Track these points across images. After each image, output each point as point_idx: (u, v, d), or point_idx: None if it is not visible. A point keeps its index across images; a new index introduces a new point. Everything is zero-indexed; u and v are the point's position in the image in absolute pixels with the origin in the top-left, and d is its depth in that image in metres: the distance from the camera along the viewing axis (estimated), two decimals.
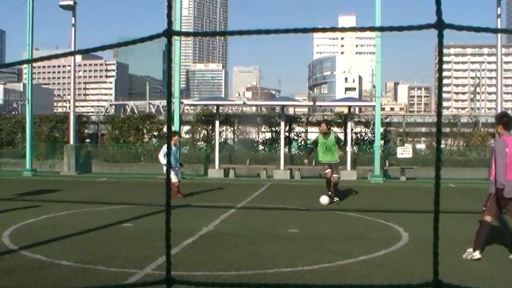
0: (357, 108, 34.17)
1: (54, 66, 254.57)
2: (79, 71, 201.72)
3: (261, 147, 33.48)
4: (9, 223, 12.69)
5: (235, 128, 34.24)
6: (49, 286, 8.03)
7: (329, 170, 17.14)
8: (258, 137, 33.90)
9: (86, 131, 35.99)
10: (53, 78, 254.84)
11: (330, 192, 17.17)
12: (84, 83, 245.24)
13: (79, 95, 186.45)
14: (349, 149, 27.41)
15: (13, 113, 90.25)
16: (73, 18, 29.86)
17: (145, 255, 9.64)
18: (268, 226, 13.27)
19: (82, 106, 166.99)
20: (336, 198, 17.31)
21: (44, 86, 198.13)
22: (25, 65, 47.32)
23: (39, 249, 10.14)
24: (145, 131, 34.16)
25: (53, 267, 9.03)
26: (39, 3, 28.93)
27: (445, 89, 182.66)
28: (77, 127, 30.77)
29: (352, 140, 29.17)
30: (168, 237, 1.75)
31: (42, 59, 1.98)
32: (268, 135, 33.71)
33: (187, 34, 1.86)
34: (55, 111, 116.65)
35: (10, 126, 34.61)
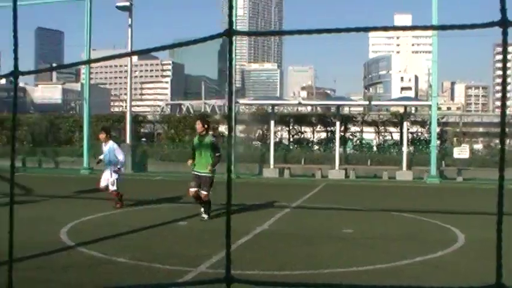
0: (412, 108, 33.72)
1: (111, 66, 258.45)
2: (135, 71, 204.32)
3: (316, 146, 33.32)
4: (67, 220, 12.89)
5: (290, 127, 34.15)
6: (105, 283, 8.11)
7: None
8: (313, 137, 33.76)
9: (142, 130, 36.39)
10: (110, 78, 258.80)
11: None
12: (141, 82, 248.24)
13: (135, 94, 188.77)
14: (405, 149, 27.10)
15: (71, 112, 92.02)
16: (129, 19, 30.23)
17: (200, 253, 9.67)
18: (323, 226, 13.18)
19: (138, 106, 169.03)
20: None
21: (101, 86, 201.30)
22: (83, 66, 48.09)
23: (95, 246, 10.26)
24: None
25: (109, 264, 9.13)
26: (96, 5, 29.40)
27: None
28: (133, 126, 31.13)
29: (408, 140, 28.80)
30: (229, 236, 1.73)
31: (100, 59, 1.96)
32: (323, 135, 33.54)
33: (248, 34, 1.83)
34: (112, 110, 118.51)
35: (68, 125, 35.22)
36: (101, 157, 15.99)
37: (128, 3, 29.76)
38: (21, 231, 11.91)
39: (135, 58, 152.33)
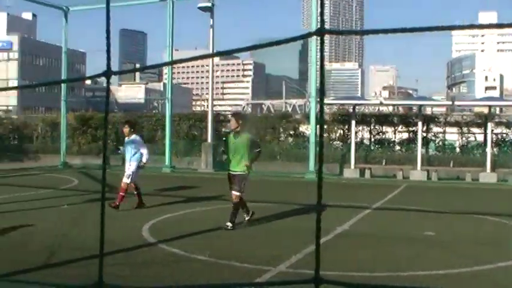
0: (497, 108, 32.79)
1: (193, 66, 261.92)
2: (217, 70, 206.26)
3: (397, 147, 32.82)
4: (149, 217, 13.15)
5: (372, 127, 33.76)
6: (185, 279, 8.23)
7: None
8: (395, 137, 33.26)
9: (223, 129, 36.68)
10: (192, 77, 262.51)
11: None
12: (222, 82, 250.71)
13: (217, 94, 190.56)
14: (489, 150, 26.40)
15: (154, 111, 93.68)
16: (211, 20, 30.56)
17: (279, 253, 9.69)
18: (403, 228, 12.98)
19: (220, 105, 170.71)
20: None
21: (183, 86, 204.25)
22: (166, 66, 48.88)
23: (176, 243, 10.43)
24: (281, 130, 34.35)
25: (189, 261, 9.26)
26: (178, 6, 29.86)
27: None
28: (214, 125, 31.44)
29: (492, 141, 28.04)
30: (318, 237, 1.72)
31: (184, 60, 2.00)
32: (404, 135, 33.01)
33: (338, 33, 1.83)
34: (194, 109, 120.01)
35: (151, 124, 35.84)
36: (121, 150, 16.24)
37: (209, 4, 30.08)
38: (107, 227, 12.22)
39: (216, 58, 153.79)
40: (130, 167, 15.32)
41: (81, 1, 33.29)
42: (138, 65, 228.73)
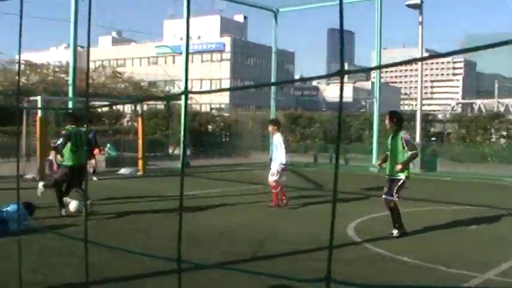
0: None
1: (401, 65, 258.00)
2: (426, 69, 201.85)
3: None
4: (355, 216, 13.20)
5: None
6: (389, 280, 8.19)
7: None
8: None
9: (431, 129, 35.83)
10: (400, 76, 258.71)
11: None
12: (431, 81, 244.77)
13: (425, 93, 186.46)
14: None
15: (361, 110, 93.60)
16: (420, 17, 29.95)
17: (487, 259, 9.31)
18: None
19: (428, 104, 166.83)
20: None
21: (391, 85, 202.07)
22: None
23: (381, 243, 10.39)
24: (493, 131, 32.89)
25: (393, 261, 9.19)
26: (386, 3, 29.59)
27: None
28: (422, 125, 30.81)
29: None
30: None
31: (392, 65, 2.01)
32: None
33: None
34: (401, 109, 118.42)
35: (359, 123, 35.87)
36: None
37: (418, 1, 29.50)
38: (312, 224, 12.45)
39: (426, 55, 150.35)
40: (274, 165, 15.52)
41: (289, 2, 34.12)
42: (346, 64, 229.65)
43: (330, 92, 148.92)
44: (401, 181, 11.49)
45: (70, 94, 24.95)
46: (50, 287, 7.56)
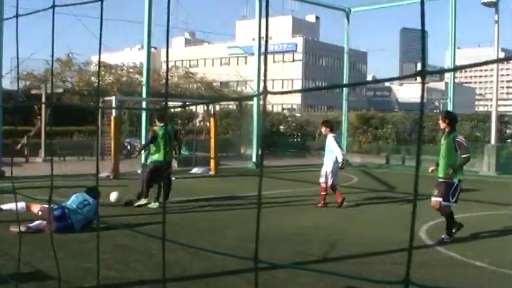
0: None
1: (475, 65, 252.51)
2: (502, 69, 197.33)
3: None
4: (427, 219, 12.99)
5: None
6: (460, 284, 8.05)
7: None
8: None
9: (507, 130, 35.01)
10: (475, 77, 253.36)
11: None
12: (507, 81, 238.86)
13: (501, 93, 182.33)
14: None
15: (434, 111, 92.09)
16: (496, 15, 29.26)
17: None
18: None
19: (504, 105, 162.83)
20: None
21: (465, 85, 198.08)
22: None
23: (453, 247, 10.22)
24: None
25: (466, 266, 9.03)
26: (461, 2, 29.05)
27: None
28: (498, 126, 30.11)
29: None
30: None
31: (471, 66, 2.00)
32: None
33: None
34: (476, 110, 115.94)
35: (432, 124, 35.29)
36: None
37: None
38: (383, 226, 12.34)
39: (501, 54, 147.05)
40: (325, 166, 15.43)
41: (361, 1, 33.92)
42: (418, 64, 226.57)
43: (403, 92, 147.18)
44: (455, 185, 11.01)
45: (144, 94, 25.41)
46: (124, 283, 7.73)
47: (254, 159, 28.26)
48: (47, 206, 10.35)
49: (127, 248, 9.62)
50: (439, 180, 11.18)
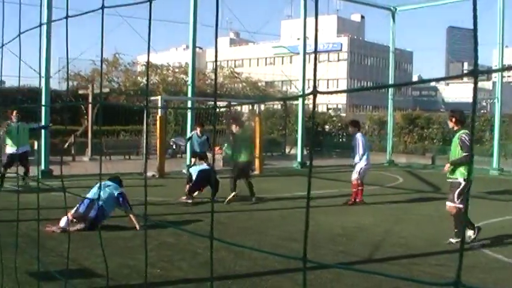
0: None
1: None
2: None
3: None
4: (474, 220, 12.80)
5: None
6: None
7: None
8: None
9: None
10: None
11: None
12: None
13: None
14: None
15: (482, 111, 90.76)
16: None
17: None
18: None
19: None
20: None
21: None
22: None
23: (500, 250, 10.07)
24: None
25: None
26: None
27: None
28: None
29: None
30: None
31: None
32: None
33: None
34: None
35: (479, 124, 34.84)
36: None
37: None
38: (428, 227, 12.21)
39: None
40: (358, 164, 15.69)
41: (407, 0, 33.62)
42: (466, 64, 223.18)
43: (449, 92, 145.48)
44: (461, 184, 10.57)
45: (189, 94, 25.57)
46: (168, 282, 7.80)
47: (299, 159, 28.23)
48: (71, 212, 10.71)
49: (172, 246, 9.71)
50: (447, 180, 10.99)
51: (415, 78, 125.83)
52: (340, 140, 41.09)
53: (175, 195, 15.62)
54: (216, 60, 2.21)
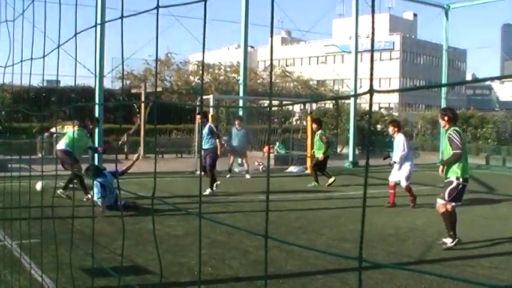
0: None
1: None
2: None
3: None
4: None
5: None
6: None
7: None
8: None
9: None
10: None
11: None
12: None
13: None
14: None
15: None
16: None
17: None
18: None
19: None
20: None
21: None
22: None
23: None
24: None
25: None
26: None
27: None
28: None
29: None
30: None
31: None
32: None
33: None
34: None
35: None
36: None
37: None
38: (483, 229, 12.00)
39: None
40: (403, 167, 15.19)
41: None
42: None
43: (504, 91, 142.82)
44: (454, 184, 10.16)
45: (241, 93, 25.65)
46: (219, 280, 7.85)
47: (351, 158, 28.06)
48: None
49: (222, 245, 9.76)
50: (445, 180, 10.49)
51: (468, 77, 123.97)
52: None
53: (226, 193, 15.70)
54: (271, 59, 2.22)
